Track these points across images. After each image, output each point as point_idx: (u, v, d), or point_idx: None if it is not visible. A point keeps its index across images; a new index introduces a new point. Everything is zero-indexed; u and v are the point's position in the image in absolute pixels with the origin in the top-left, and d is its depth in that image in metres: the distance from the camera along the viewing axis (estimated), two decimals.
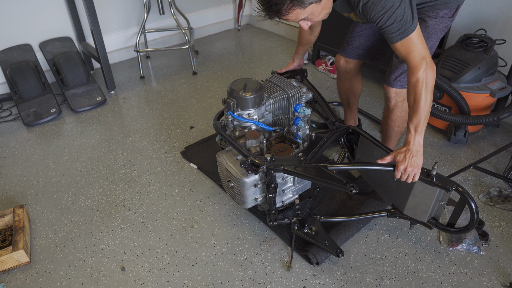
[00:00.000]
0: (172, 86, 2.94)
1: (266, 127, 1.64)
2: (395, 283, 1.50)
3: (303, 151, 1.53)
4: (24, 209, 1.78)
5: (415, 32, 1.30)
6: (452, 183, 1.35)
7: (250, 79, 1.64)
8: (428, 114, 1.36)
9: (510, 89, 2.11)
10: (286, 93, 1.67)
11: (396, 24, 1.27)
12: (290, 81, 1.73)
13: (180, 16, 3.24)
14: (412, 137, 1.38)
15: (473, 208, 1.34)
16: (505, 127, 2.33)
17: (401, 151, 1.38)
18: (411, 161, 1.35)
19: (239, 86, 1.60)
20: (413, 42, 1.30)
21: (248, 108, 1.60)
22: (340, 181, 1.34)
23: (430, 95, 1.34)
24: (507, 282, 1.48)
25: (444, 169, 2.03)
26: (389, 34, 1.31)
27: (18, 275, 1.58)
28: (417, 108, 1.34)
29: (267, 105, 1.65)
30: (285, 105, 1.70)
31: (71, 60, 2.79)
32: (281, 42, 3.64)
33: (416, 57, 1.31)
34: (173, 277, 1.55)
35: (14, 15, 2.72)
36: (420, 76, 1.31)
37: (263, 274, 1.55)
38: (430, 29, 1.55)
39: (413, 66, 1.32)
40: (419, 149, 1.37)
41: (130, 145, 2.31)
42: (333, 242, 1.55)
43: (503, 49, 2.25)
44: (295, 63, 1.97)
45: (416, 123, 1.36)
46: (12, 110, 2.68)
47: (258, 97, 1.59)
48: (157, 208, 1.87)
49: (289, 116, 1.73)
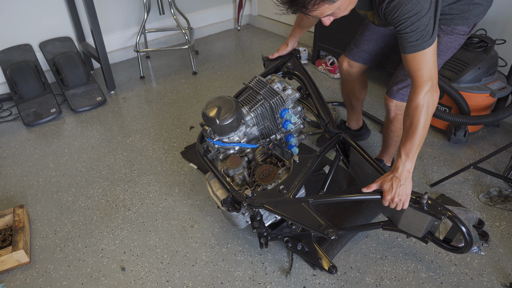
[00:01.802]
0: (172, 86, 2.94)
1: (250, 146, 1.54)
2: (395, 283, 1.50)
3: (286, 182, 1.41)
4: (24, 209, 1.78)
5: (432, 47, 1.20)
6: (444, 211, 1.26)
7: (224, 99, 1.51)
8: (423, 140, 1.28)
9: (510, 89, 2.11)
10: (268, 102, 1.56)
11: (417, 33, 1.17)
12: (271, 85, 1.60)
13: (180, 16, 3.24)
14: (401, 162, 1.29)
15: (465, 234, 1.27)
16: (505, 127, 2.33)
17: (388, 178, 1.30)
18: (399, 191, 1.27)
19: (213, 112, 1.47)
20: (426, 58, 1.21)
21: (226, 134, 1.50)
22: (319, 225, 1.27)
23: (429, 121, 1.26)
24: (507, 282, 1.48)
25: (444, 169, 2.03)
26: (406, 42, 1.21)
27: (18, 275, 1.58)
28: (412, 133, 1.26)
29: (249, 120, 1.56)
30: (269, 114, 1.59)
31: (71, 60, 2.79)
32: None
33: (424, 76, 1.22)
34: (173, 277, 1.55)
35: (14, 15, 2.72)
36: (421, 100, 1.23)
37: (263, 274, 1.55)
38: (442, 45, 1.47)
39: (417, 84, 1.24)
40: (408, 176, 1.29)
41: (130, 145, 2.31)
42: (326, 259, 1.52)
43: (503, 49, 2.24)
44: (288, 47, 1.84)
45: (409, 148, 1.27)
46: (12, 110, 2.68)
47: (236, 119, 1.48)
48: (157, 208, 1.87)
49: (276, 123, 1.63)
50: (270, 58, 1.86)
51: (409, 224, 1.41)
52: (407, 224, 1.42)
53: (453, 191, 1.89)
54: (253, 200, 1.38)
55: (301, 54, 3.18)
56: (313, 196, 1.38)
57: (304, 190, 1.52)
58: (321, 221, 1.29)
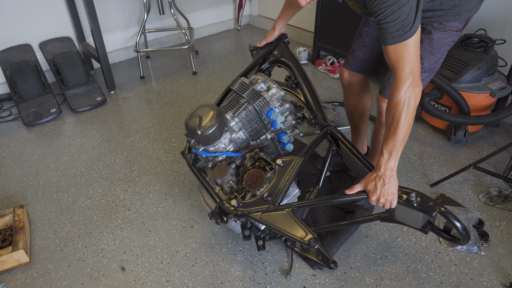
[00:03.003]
0: (172, 86, 2.94)
1: (235, 154, 1.52)
2: (395, 283, 1.50)
3: (271, 188, 1.39)
4: (24, 209, 1.78)
5: (413, 39, 1.16)
6: (435, 206, 1.21)
7: (205, 108, 1.47)
8: (406, 137, 1.24)
9: (510, 89, 2.11)
10: (251, 105, 1.51)
11: (398, 23, 1.13)
12: (255, 86, 1.54)
13: (180, 16, 3.24)
14: (384, 161, 1.24)
15: (460, 229, 1.24)
16: (505, 127, 2.33)
17: (371, 178, 1.26)
18: (383, 191, 1.23)
19: (193, 123, 1.44)
20: (407, 50, 1.17)
21: (211, 143, 1.48)
22: (302, 234, 1.27)
23: (411, 116, 1.21)
24: (507, 282, 1.48)
25: (444, 169, 2.03)
26: (387, 33, 1.16)
27: (18, 275, 1.58)
28: (395, 129, 1.22)
29: (234, 125, 1.52)
30: (254, 116, 1.54)
31: (71, 60, 2.79)
32: None
33: (405, 69, 1.18)
34: (173, 277, 1.55)
35: (14, 15, 2.72)
36: (403, 94, 1.19)
37: (263, 274, 1.55)
38: (435, 43, 1.43)
39: (398, 78, 1.19)
40: (392, 174, 1.24)
41: (130, 145, 2.31)
42: (325, 256, 1.51)
43: (503, 49, 2.24)
44: (276, 33, 1.75)
45: (392, 146, 1.23)
46: (12, 110, 2.68)
47: (217, 128, 1.44)
48: (157, 208, 1.87)
49: (263, 123, 1.57)
50: (258, 46, 1.79)
51: (405, 217, 1.39)
52: (403, 217, 1.40)
53: (453, 191, 1.89)
54: (238, 210, 1.38)
55: (301, 54, 3.19)
56: (296, 202, 1.37)
57: (298, 189, 1.50)
58: (303, 230, 1.28)
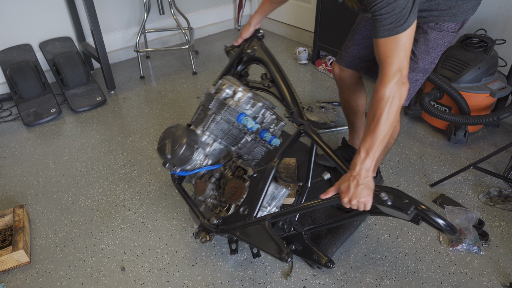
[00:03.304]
0: (172, 86, 2.94)
1: (215, 166, 1.50)
2: (395, 283, 1.50)
3: (246, 201, 1.37)
4: (24, 209, 1.78)
5: (406, 34, 1.12)
6: (410, 204, 1.12)
7: (172, 130, 1.46)
8: (387, 136, 1.17)
9: (510, 89, 2.11)
10: (218, 115, 1.46)
11: (392, 16, 1.10)
12: (219, 94, 1.48)
13: (180, 16, 3.24)
14: (360, 160, 1.18)
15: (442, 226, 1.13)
16: (505, 127, 2.33)
17: (345, 178, 1.20)
18: (356, 192, 1.16)
19: (162, 148, 1.43)
20: (398, 45, 1.13)
21: (185, 164, 1.46)
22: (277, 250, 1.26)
23: (394, 116, 1.16)
24: (507, 282, 1.48)
25: (444, 169, 2.03)
26: (379, 26, 1.13)
27: (18, 275, 1.58)
28: (375, 127, 1.16)
29: (206, 139, 1.48)
30: (226, 125, 1.49)
31: (71, 60, 2.79)
32: (281, 42, 3.64)
33: (393, 65, 1.14)
34: (173, 277, 1.55)
35: (14, 15, 2.72)
36: (388, 90, 1.14)
37: (263, 274, 1.55)
38: (431, 42, 1.41)
39: (385, 72, 1.15)
40: (367, 175, 1.17)
41: (130, 145, 2.31)
42: (321, 255, 1.49)
43: (503, 49, 2.25)
44: (251, 28, 1.68)
45: (370, 144, 1.17)
46: (12, 110, 2.68)
47: (186, 148, 1.41)
48: (157, 208, 1.87)
49: (238, 128, 1.52)
50: (235, 45, 1.75)
51: (391, 212, 1.32)
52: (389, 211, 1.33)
53: (453, 191, 1.89)
54: (219, 228, 1.38)
55: (301, 54, 3.19)
56: (272, 214, 1.36)
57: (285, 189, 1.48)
58: (276, 244, 1.27)
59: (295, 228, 1.54)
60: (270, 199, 1.47)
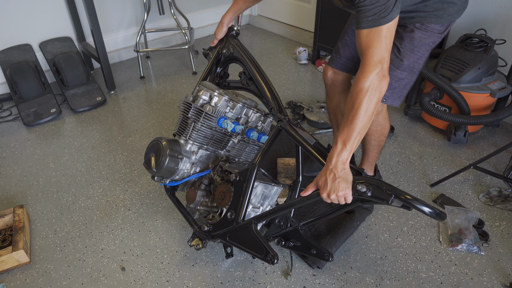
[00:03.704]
0: (172, 86, 2.94)
1: (203, 173, 1.50)
2: (395, 283, 1.50)
3: (232, 205, 1.38)
4: (24, 209, 1.78)
5: (388, 27, 1.11)
6: (390, 193, 1.08)
7: (154, 144, 1.48)
8: (365, 129, 1.15)
9: (510, 89, 2.11)
10: (197, 123, 1.46)
11: (377, 7, 1.09)
12: (197, 101, 1.46)
13: (180, 16, 3.24)
14: (336, 152, 1.14)
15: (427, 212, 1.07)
16: (505, 127, 2.33)
17: (323, 173, 1.17)
18: (334, 186, 1.13)
19: (148, 163, 1.46)
20: (380, 36, 1.12)
21: (173, 174, 1.47)
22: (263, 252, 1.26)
23: (373, 108, 1.13)
24: (507, 282, 1.48)
25: (444, 169, 2.03)
26: (362, 17, 1.12)
27: (18, 275, 1.58)
28: (353, 117, 1.13)
29: (191, 147, 1.49)
30: (207, 131, 1.49)
31: (71, 60, 2.79)
32: (281, 42, 3.64)
33: (374, 55, 1.12)
34: (173, 277, 1.55)
35: (14, 15, 2.72)
36: (367, 82, 1.12)
37: (263, 274, 1.55)
38: (416, 41, 1.42)
39: (366, 63, 1.13)
40: (344, 168, 1.14)
41: (130, 145, 2.31)
42: (319, 249, 1.48)
43: (503, 49, 2.25)
44: (224, 28, 1.66)
45: (347, 136, 1.13)
46: (12, 110, 2.68)
47: (170, 160, 1.42)
48: (157, 208, 1.87)
49: (221, 132, 1.52)
50: (211, 46, 1.72)
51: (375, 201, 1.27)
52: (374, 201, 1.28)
53: (453, 191, 1.89)
54: (210, 235, 1.39)
55: (301, 54, 3.19)
56: (257, 216, 1.35)
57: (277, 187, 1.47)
58: (262, 247, 1.27)
59: (291, 225, 1.53)
60: (262, 199, 1.47)
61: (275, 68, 3.14)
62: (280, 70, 3.12)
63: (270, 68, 3.15)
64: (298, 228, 1.52)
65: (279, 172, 1.98)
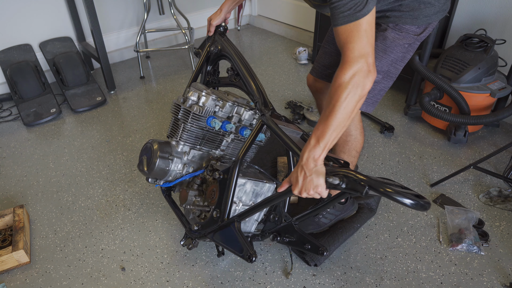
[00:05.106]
0: (172, 86, 2.94)
1: (197, 173, 1.51)
2: (395, 283, 1.50)
3: (218, 204, 1.38)
4: (24, 209, 1.78)
5: (366, 20, 1.05)
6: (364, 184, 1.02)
7: (145, 147, 1.50)
8: (342, 127, 1.07)
9: (510, 89, 2.11)
10: (186, 124, 1.46)
11: (350, 2, 1.04)
12: (186, 103, 1.47)
13: (180, 16, 3.24)
14: (309, 147, 1.08)
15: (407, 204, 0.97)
16: (505, 127, 2.33)
17: (295, 169, 1.12)
18: (305, 184, 1.08)
19: (140, 166, 1.48)
20: (359, 31, 1.05)
21: (165, 175, 1.48)
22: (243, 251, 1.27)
23: (352, 105, 1.05)
24: (507, 282, 1.48)
25: (444, 169, 2.03)
26: (338, 13, 1.06)
27: (18, 275, 1.59)
28: (329, 114, 1.06)
29: (182, 148, 1.50)
30: (200, 132, 1.49)
31: (71, 60, 2.79)
32: (281, 42, 3.64)
33: (354, 50, 1.05)
34: (173, 277, 1.55)
35: (14, 15, 2.72)
36: (347, 78, 1.04)
37: (263, 274, 1.55)
38: (389, 41, 1.36)
39: (346, 59, 1.06)
40: (316, 164, 1.08)
41: (130, 145, 2.31)
42: (314, 244, 1.46)
43: (503, 49, 2.25)
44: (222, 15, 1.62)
45: (321, 132, 1.07)
46: (12, 110, 2.68)
47: (161, 162, 1.44)
48: (157, 208, 1.87)
49: (213, 132, 1.52)
50: (203, 44, 1.71)
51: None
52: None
53: (453, 191, 1.89)
54: (199, 234, 1.41)
55: (301, 54, 3.19)
56: (238, 214, 1.35)
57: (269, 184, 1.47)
58: (242, 245, 1.28)
59: (285, 220, 1.52)
60: (254, 197, 1.47)
61: (275, 68, 3.14)
62: (280, 70, 3.12)
63: (270, 68, 3.15)
64: (292, 223, 1.50)
65: (279, 171, 1.98)
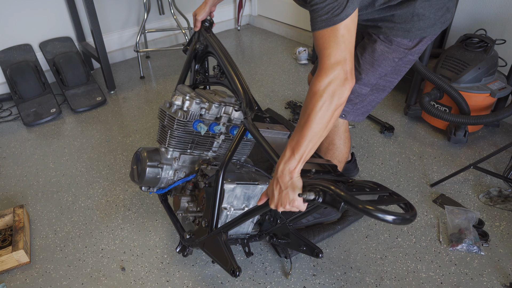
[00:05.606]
0: (172, 86, 2.94)
1: (188, 178, 1.50)
2: (395, 283, 1.50)
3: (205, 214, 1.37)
4: (24, 209, 1.78)
5: (344, 25, 1.00)
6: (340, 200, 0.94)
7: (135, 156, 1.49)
8: (318, 138, 1.02)
9: (510, 89, 2.11)
10: (174, 130, 1.43)
11: (328, 5, 0.99)
12: (171, 108, 1.44)
13: (180, 16, 3.24)
14: (284, 159, 1.03)
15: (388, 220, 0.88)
16: (505, 127, 2.33)
17: (271, 182, 1.08)
18: (280, 198, 1.03)
19: (132, 176, 1.50)
20: (336, 36, 1.00)
21: (157, 182, 1.48)
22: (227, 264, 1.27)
23: (329, 115, 1.00)
24: (507, 282, 1.48)
25: (444, 169, 2.03)
26: (316, 17, 1.02)
27: (18, 275, 1.58)
28: (305, 124, 1.00)
29: (172, 154, 1.48)
30: (188, 136, 1.47)
31: (71, 60, 2.79)
32: (281, 42, 3.64)
33: (330, 57, 0.99)
34: (173, 277, 1.55)
35: (14, 15, 2.72)
36: (322, 85, 0.99)
37: (263, 274, 1.55)
38: (377, 54, 1.32)
39: (322, 66, 1.00)
40: (291, 177, 1.02)
41: (130, 145, 2.31)
42: (309, 246, 1.45)
43: (503, 49, 2.25)
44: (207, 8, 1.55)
45: (296, 142, 1.01)
46: (12, 110, 2.68)
47: (150, 171, 1.43)
48: (157, 208, 1.87)
49: (202, 136, 1.50)
50: (190, 39, 1.66)
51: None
52: None
53: (453, 191, 1.89)
54: (192, 243, 1.41)
55: (301, 54, 3.19)
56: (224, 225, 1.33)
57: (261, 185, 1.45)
58: (226, 258, 1.27)
59: (280, 221, 1.50)
60: (246, 200, 1.44)
61: (275, 68, 3.14)
62: (280, 70, 3.12)
63: (270, 68, 3.15)
64: (286, 224, 1.49)
65: None
